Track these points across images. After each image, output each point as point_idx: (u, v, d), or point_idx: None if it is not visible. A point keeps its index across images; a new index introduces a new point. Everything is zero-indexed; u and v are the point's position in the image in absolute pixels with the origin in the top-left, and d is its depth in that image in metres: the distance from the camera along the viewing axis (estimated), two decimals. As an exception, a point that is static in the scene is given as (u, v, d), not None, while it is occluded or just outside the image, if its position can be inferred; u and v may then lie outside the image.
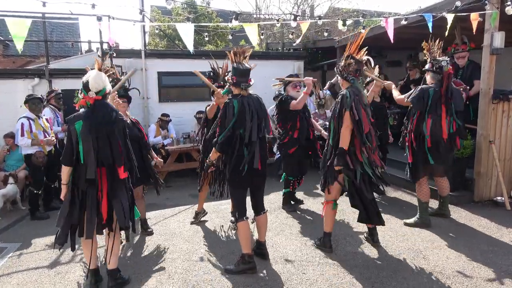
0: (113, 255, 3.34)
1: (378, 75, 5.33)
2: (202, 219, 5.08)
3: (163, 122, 7.86)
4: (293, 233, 4.52)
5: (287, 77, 5.38)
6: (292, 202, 5.52)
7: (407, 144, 4.56)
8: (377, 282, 3.32)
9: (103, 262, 3.85)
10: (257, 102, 3.54)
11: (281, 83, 5.30)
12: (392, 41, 5.32)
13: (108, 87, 3.23)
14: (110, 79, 4.31)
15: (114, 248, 3.31)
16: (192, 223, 5.00)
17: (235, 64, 3.53)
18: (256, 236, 3.91)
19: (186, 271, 3.66)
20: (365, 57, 3.85)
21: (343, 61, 3.77)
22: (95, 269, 3.39)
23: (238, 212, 3.54)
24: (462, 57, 5.81)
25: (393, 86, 4.80)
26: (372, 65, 4.20)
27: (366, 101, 3.72)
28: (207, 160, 3.59)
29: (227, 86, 3.91)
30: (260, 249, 3.84)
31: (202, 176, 4.77)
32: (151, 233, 4.67)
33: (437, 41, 4.47)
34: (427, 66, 4.46)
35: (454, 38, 5.98)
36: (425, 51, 4.52)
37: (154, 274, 3.63)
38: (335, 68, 3.96)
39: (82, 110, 3.19)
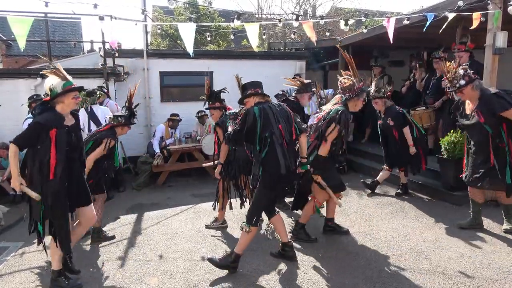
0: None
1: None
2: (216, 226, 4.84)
3: (174, 122, 7.89)
4: (295, 233, 4.52)
5: (293, 77, 5.43)
6: None
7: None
8: (378, 283, 3.31)
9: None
10: (279, 107, 3.62)
11: (296, 83, 5.06)
12: (391, 41, 5.31)
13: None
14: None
15: None
16: (207, 227, 4.82)
17: (247, 82, 3.68)
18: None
19: (188, 271, 3.66)
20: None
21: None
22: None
23: (258, 217, 3.54)
24: (460, 57, 5.81)
25: None
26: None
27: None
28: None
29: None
30: (286, 250, 3.80)
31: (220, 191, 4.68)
32: (110, 238, 4.50)
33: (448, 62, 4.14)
34: (462, 82, 3.92)
35: (462, 36, 5.96)
36: (449, 70, 4.06)
37: (156, 274, 3.63)
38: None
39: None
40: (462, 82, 3.95)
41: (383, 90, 5.49)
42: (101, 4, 4.83)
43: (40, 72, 3.38)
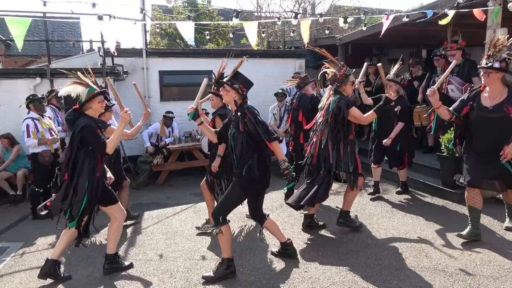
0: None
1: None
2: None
3: (167, 119, 7.88)
4: (295, 231, 4.51)
5: (293, 76, 5.47)
6: None
7: None
8: (379, 280, 3.31)
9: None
10: None
11: (295, 81, 5.41)
12: (381, 35, 5.37)
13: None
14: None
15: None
16: (198, 229, 4.71)
17: (243, 75, 3.51)
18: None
19: (188, 270, 3.66)
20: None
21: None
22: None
23: (224, 216, 3.39)
24: (452, 55, 5.81)
25: None
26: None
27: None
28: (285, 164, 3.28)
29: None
30: (286, 249, 3.79)
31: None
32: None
33: (502, 36, 3.78)
34: (496, 65, 3.60)
35: (453, 34, 5.98)
36: (495, 45, 3.67)
37: (156, 273, 3.63)
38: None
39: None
40: (497, 65, 3.61)
41: (402, 77, 5.49)
42: (100, 3, 4.80)
43: (63, 87, 3.54)
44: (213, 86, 4.54)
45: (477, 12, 4.86)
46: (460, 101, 3.96)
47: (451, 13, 4.92)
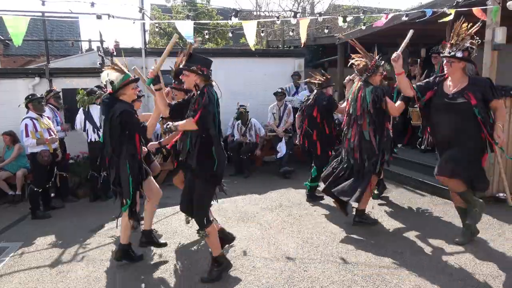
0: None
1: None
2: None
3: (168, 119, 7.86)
4: (294, 231, 4.52)
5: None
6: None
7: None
8: (378, 280, 3.31)
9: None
10: None
11: (319, 79, 5.49)
12: (373, 26, 5.38)
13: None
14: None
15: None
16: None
17: (198, 55, 3.36)
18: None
19: (188, 270, 3.66)
20: None
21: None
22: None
23: (208, 217, 3.29)
24: None
25: None
26: None
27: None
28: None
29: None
30: (225, 234, 3.90)
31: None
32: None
33: (466, 24, 3.61)
34: (459, 54, 3.52)
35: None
36: (459, 34, 3.59)
37: (156, 273, 3.63)
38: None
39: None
40: (459, 54, 3.53)
41: (383, 67, 5.47)
42: (99, 2, 4.78)
43: (102, 69, 3.61)
44: (173, 81, 4.33)
45: (476, 11, 4.86)
46: (425, 82, 3.99)
47: (451, 12, 4.92)
